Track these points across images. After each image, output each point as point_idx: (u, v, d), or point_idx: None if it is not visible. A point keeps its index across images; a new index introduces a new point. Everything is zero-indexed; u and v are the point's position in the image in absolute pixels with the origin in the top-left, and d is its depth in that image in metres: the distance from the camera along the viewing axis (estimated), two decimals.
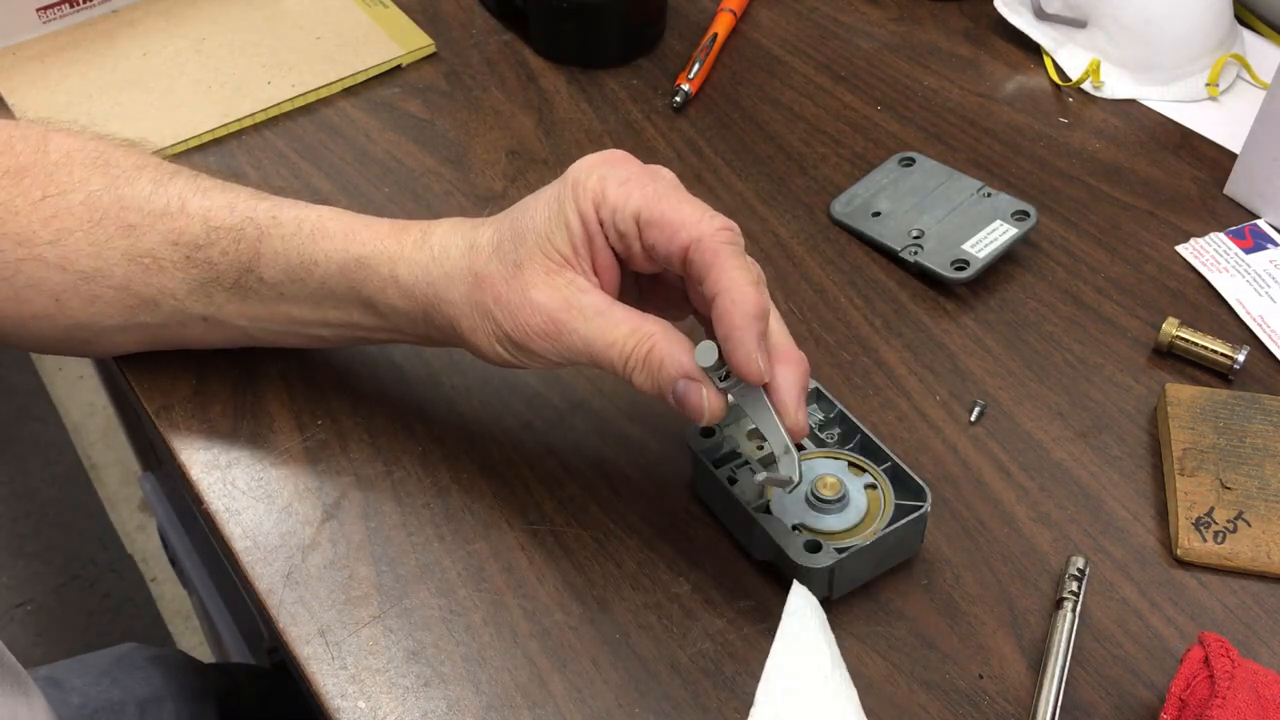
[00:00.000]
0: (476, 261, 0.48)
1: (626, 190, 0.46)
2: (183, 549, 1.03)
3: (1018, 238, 0.64)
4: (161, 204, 0.53)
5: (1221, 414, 0.56)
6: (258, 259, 0.52)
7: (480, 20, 0.81)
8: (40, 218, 0.53)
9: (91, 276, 0.53)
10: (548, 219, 0.47)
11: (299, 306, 0.53)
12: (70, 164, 0.54)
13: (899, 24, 0.82)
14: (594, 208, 0.47)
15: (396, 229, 0.51)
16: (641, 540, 0.52)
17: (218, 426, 0.56)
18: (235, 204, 0.53)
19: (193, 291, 0.53)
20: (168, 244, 0.53)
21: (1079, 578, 0.50)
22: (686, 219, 0.45)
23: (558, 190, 0.48)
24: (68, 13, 0.78)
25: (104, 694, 0.71)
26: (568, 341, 0.47)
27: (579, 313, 0.46)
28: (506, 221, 0.49)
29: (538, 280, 0.47)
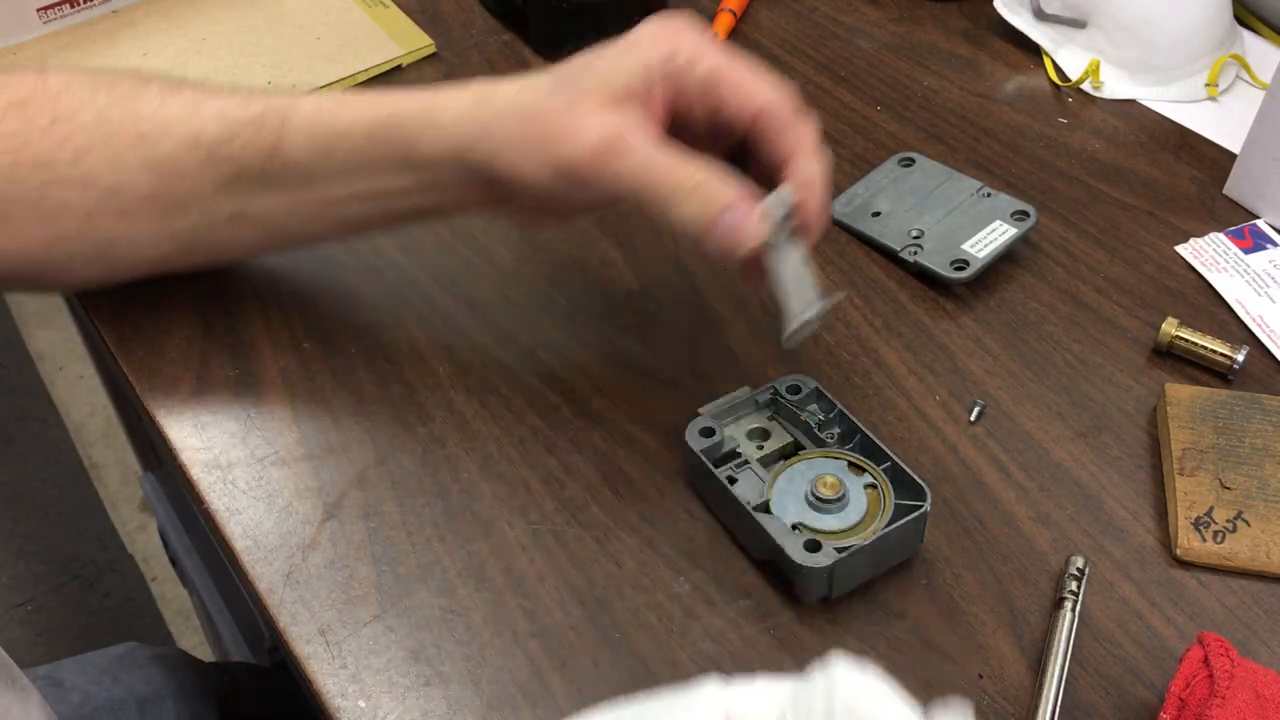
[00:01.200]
0: (532, 98, 0.50)
1: (701, 48, 0.49)
2: (183, 548, 1.03)
3: (1017, 238, 0.64)
4: (174, 111, 0.54)
5: (1221, 414, 0.56)
6: (282, 143, 0.53)
7: (480, 20, 0.81)
8: (54, 140, 0.53)
9: (115, 190, 0.54)
10: (616, 59, 0.49)
11: (329, 184, 0.54)
12: (71, 89, 0.54)
13: (899, 24, 0.82)
14: (664, 59, 0.49)
15: (425, 89, 0.53)
16: (641, 540, 0.52)
17: (218, 427, 0.56)
18: (250, 99, 0.54)
19: (219, 189, 0.54)
20: (186, 147, 0.53)
21: (1078, 577, 0.50)
22: (761, 86, 0.49)
23: (626, 41, 0.50)
24: (68, 13, 0.78)
25: (104, 693, 0.71)
26: (619, 165, 0.48)
27: (637, 138, 0.48)
28: (566, 66, 0.51)
29: (598, 107, 0.49)
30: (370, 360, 0.59)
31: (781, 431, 0.54)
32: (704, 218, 0.48)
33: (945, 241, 0.64)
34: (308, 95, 0.54)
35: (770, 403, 0.55)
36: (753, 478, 0.52)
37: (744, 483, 0.52)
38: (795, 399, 0.54)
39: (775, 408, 0.55)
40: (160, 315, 0.60)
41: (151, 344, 0.59)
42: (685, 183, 0.48)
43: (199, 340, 0.59)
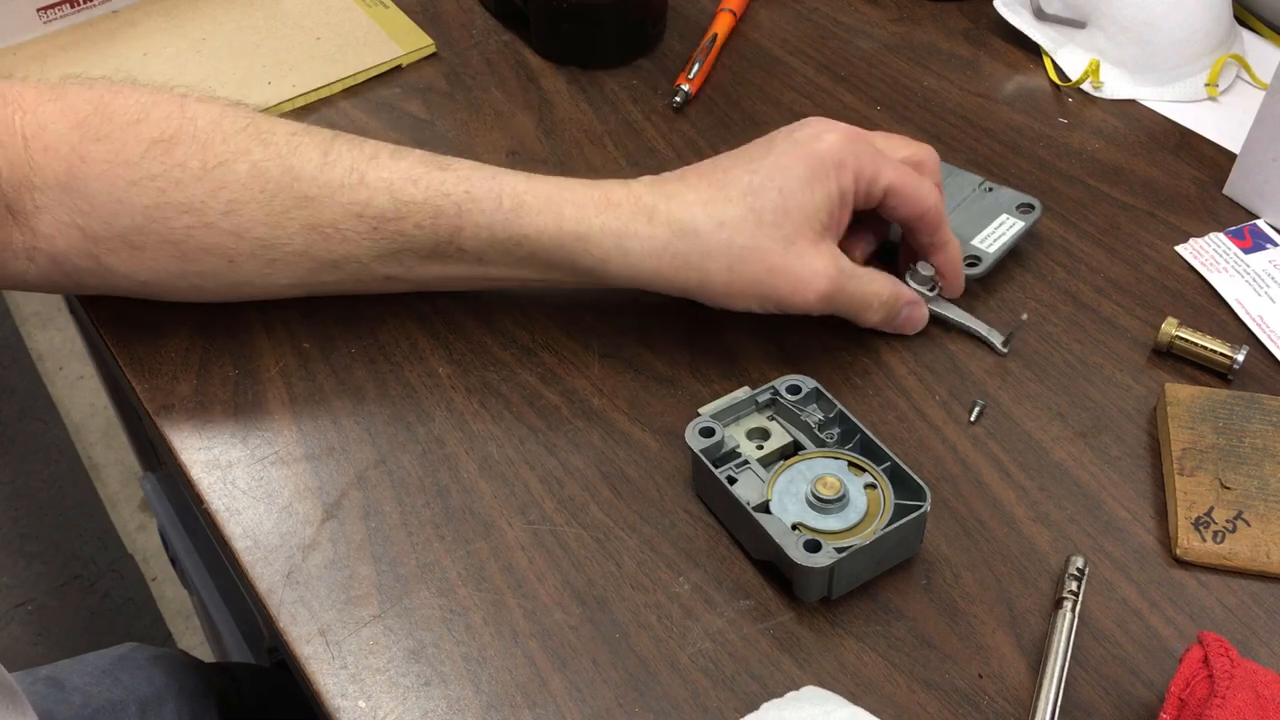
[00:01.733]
0: (739, 237, 0.54)
1: (877, 167, 0.55)
2: (183, 549, 1.03)
3: (1026, 230, 0.64)
4: (337, 176, 0.54)
5: (1221, 414, 0.56)
6: (459, 233, 0.54)
7: (480, 20, 0.81)
8: (208, 189, 0.53)
9: (269, 244, 0.54)
10: (810, 197, 0.54)
11: (498, 269, 0.56)
12: (221, 133, 0.54)
13: (899, 24, 0.82)
14: (854, 186, 0.55)
15: (603, 201, 0.54)
16: (641, 540, 0.52)
17: (218, 426, 0.56)
18: (416, 175, 0.54)
19: (380, 257, 0.55)
20: (351, 215, 0.54)
21: (1078, 577, 0.50)
22: (921, 194, 0.56)
23: (811, 166, 0.54)
24: (68, 13, 0.78)
25: (105, 693, 0.71)
26: (839, 300, 0.56)
27: (846, 275, 0.56)
28: (756, 199, 0.54)
29: (810, 250, 0.54)
30: (370, 360, 0.59)
31: (781, 431, 0.54)
32: (888, 319, 0.59)
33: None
34: (480, 179, 0.54)
35: (770, 403, 0.55)
36: (753, 478, 0.52)
37: (744, 483, 0.52)
38: (795, 399, 0.54)
39: (775, 408, 0.55)
40: (160, 316, 0.60)
41: (151, 344, 0.59)
42: (878, 298, 0.58)
43: (199, 340, 0.59)
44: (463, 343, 0.60)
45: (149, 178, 0.53)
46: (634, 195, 0.55)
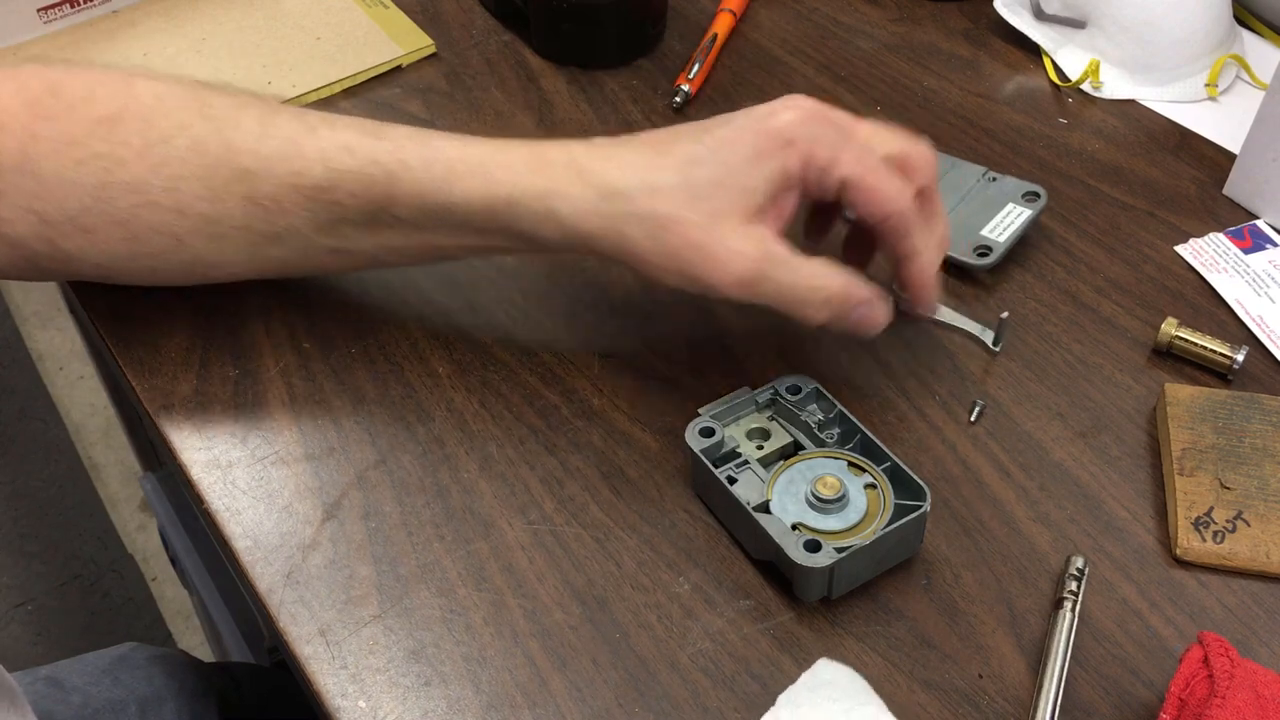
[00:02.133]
0: (664, 205, 0.50)
1: (834, 154, 0.51)
2: (183, 549, 1.03)
3: (1033, 218, 0.64)
4: (274, 146, 0.53)
5: (1220, 414, 0.56)
6: (391, 201, 0.53)
7: (480, 20, 0.81)
8: (149, 165, 0.53)
9: (212, 220, 0.53)
10: (749, 173, 0.50)
11: (436, 236, 0.54)
12: (164, 108, 0.53)
13: (899, 24, 0.82)
14: (801, 168, 0.51)
15: (536, 161, 0.52)
16: (641, 540, 0.52)
17: (218, 426, 0.56)
18: (351, 144, 0.53)
19: (320, 228, 0.54)
20: (288, 187, 0.53)
21: (1078, 577, 0.50)
22: (889, 193, 0.51)
23: (757, 141, 0.50)
24: (68, 13, 0.78)
25: (105, 693, 0.71)
26: (760, 288, 0.51)
27: (772, 262, 0.51)
28: (695, 168, 0.50)
29: (737, 230, 0.50)
30: (370, 360, 0.59)
31: (781, 431, 0.54)
32: (838, 320, 0.53)
33: (963, 229, 0.64)
34: (412, 146, 0.53)
35: (770, 403, 0.55)
36: (753, 478, 0.52)
37: (744, 483, 0.52)
38: (795, 399, 0.54)
39: (775, 408, 0.55)
40: (160, 315, 0.60)
41: (151, 344, 0.59)
42: (818, 294, 0.52)
43: (199, 340, 0.59)
44: (463, 343, 0.60)
45: (95, 157, 0.52)
46: (570, 155, 0.52)
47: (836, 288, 0.52)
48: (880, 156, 0.52)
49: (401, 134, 0.54)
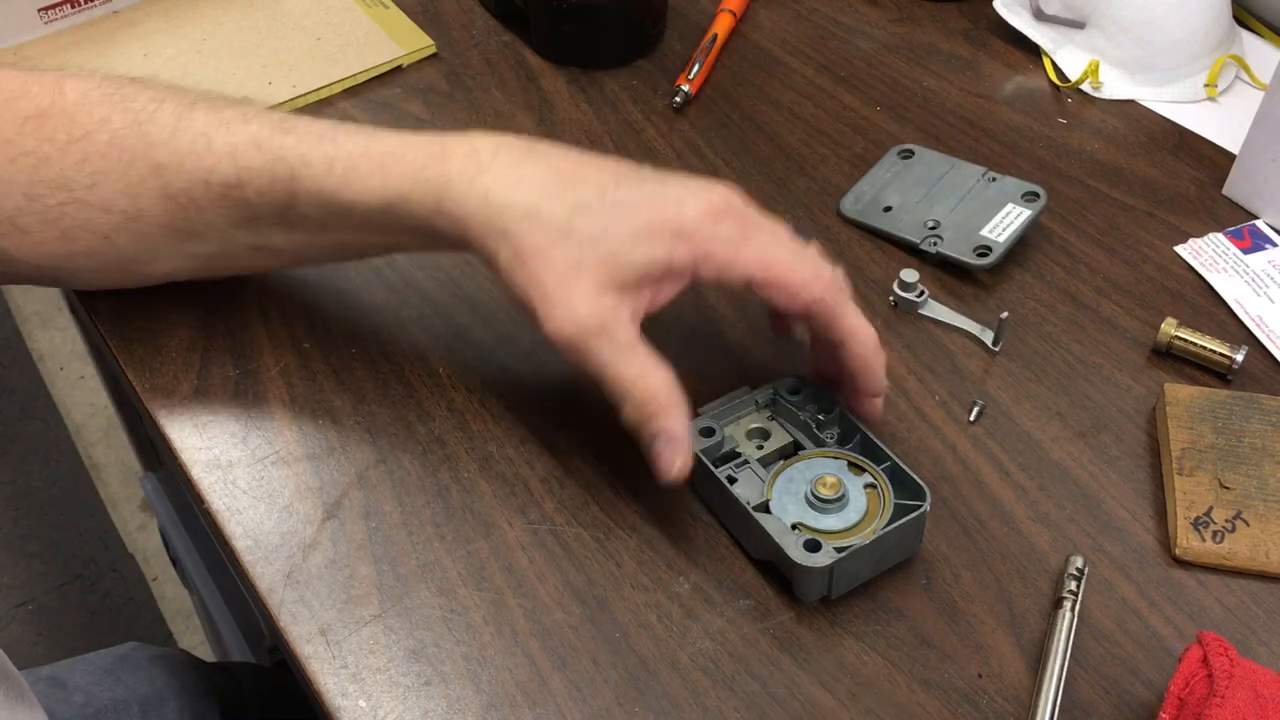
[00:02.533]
0: (535, 234, 0.48)
1: (733, 252, 0.48)
2: (184, 548, 1.03)
3: (1033, 219, 0.64)
4: (187, 142, 0.53)
5: (1220, 414, 0.56)
6: (294, 199, 0.52)
7: (480, 21, 0.81)
8: (72, 161, 0.53)
9: (135, 216, 0.54)
10: (631, 246, 0.48)
11: (344, 234, 0.54)
12: (88, 103, 0.54)
13: (898, 25, 0.82)
14: (693, 265, 0.48)
15: (434, 155, 0.50)
16: (641, 539, 0.52)
17: (218, 426, 0.56)
18: (260, 140, 0.53)
19: (236, 224, 0.54)
20: (200, 183, 0.53)
21: (1078, 577, 0.50)
22: (804, 281, 0.49)
23: (651, 222, 0.48)
24: (69, 13, 0.78)
25: (107, 693, 0.71)
26: (583, 358, 0.48)
27: (609, 340, 0.48)
28: (584, 214, 0.48)
29: (587, 293, 0.47)
30: (370, 360, 0.59)
31: (781, 431, 0.54)
32: (642, 433, 0.49)
33: (963, 229, 0.64)
34: (316, 143, 0.52)
35: (770, 402, 0.55)
36: (753, 478, 0.52)
37: (744, 483, 0.52)
38: (795, 399, 0.54)
39: (775, 408, 0.55)
40: (160, 315, 0.60)
41: (152, 344, 0.59)
42: (629, 396, 0.48)
43: (199, 340, 0.60)
44: (463, 342, 0.60)
45: (24, 154, 0.53)
46: (474, 150, 0.50)
47: (645, 397, 0.48)
48: (790, 247, 0.50)
49: (312, 130, 0.53)
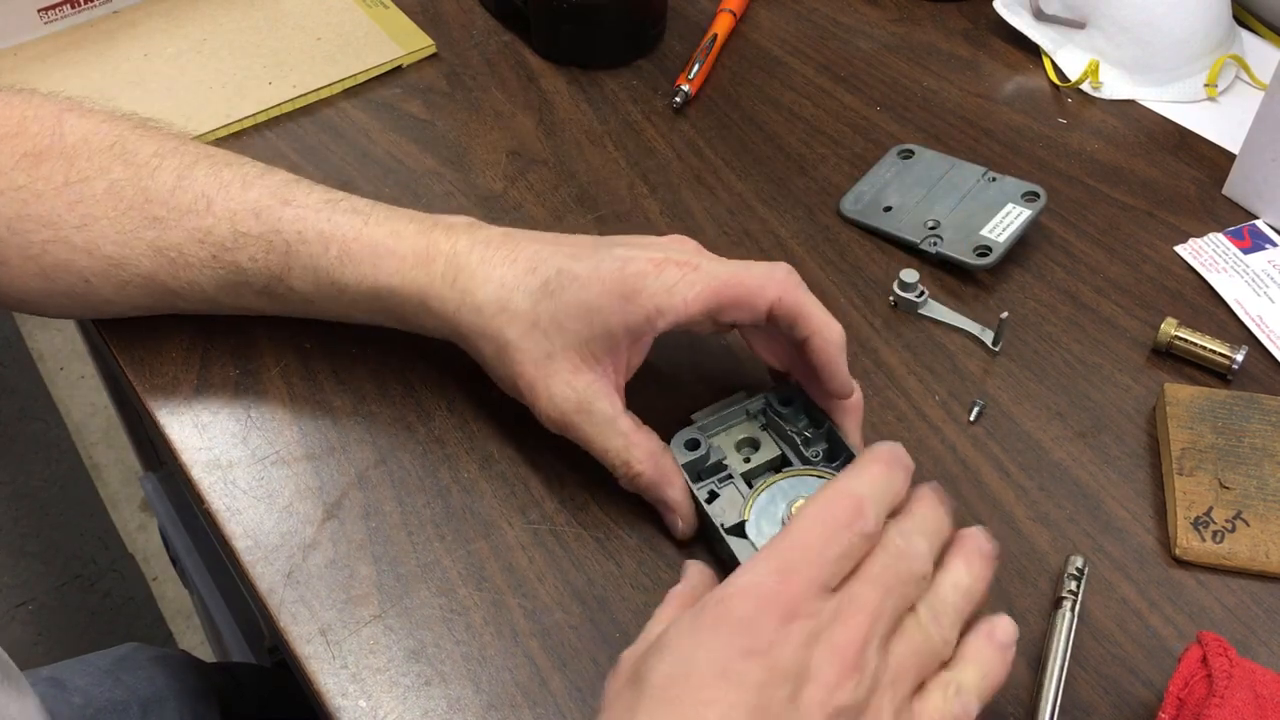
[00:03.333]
0: (510, 330, 0.51)
1: (682, 293, 0.49)
2: (184, 548, 1.03)
3: (1032, 219, 0.64)
4: (187, 200, 0.54)
5: (1220, 414, 0.56)
6: (288, 272, 0.54)
7: (480, 21, 0.81)
8: (65, 202, 0.54)
9: (119, 264, 0.54)
10: (589, 325, 0.50)
11: (328, 313, 0.56)
12: (88, 149, 0.55)
13: (898, 25, 0.82)
14: (648, 323, 0.49)
15: (422, 258, 0.53)
16: (641, 539, 0.52)
17: (218, 426, 0.56)
18: (260, 208, 0.54)
19: (221, 289, 0.55)
20: (194, 241, 0.54)
21: (1078, 577, 0.50)
22: (757, 286, 0.49)
23: (603, 295, 0.49)
24: (69, 13, 0.78)
25: (107, 694, 0.71)
26: (571, 434, 0.52)
27: (589, 417, 0.51)
28: (546, 301, 0.50)
29: (563, 375, 0.50)
30: (370, 360, 0.59)
31: (771, 444, 0.53)
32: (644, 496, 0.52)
33: (963, 229, 0.64)
34: (314, 220, 0.53)
35: (761, 412, 0.54)
36: (734, 494, 0.51)
37: (725, 499, 0.51)
38: (786, 411, 0.53)
39: (766, 418, 0.54)
40: (160, 316, 0.60)
41: (152, 344, 0.59)
42: (626, 470, 0.51)
43: (199, 340, 0.60)
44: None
45: (14, 188, 0.54)
46: (455, 251, 0.52)
47: (642, 473, 0.51)
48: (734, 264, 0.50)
49: (311, 203, 0.54)
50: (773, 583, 0.38)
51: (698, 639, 0.38)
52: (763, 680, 0.37)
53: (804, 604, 0.38)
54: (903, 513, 0.42)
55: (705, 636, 0.38)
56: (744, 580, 0.39)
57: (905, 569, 0.40)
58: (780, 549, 0.39)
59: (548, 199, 0.68)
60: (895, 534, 0.41)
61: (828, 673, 0.37)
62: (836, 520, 0.40)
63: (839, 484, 0.41)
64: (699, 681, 0.37)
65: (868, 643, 0.38)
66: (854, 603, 0.39)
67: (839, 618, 0.38)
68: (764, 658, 0.37)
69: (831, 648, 0.38)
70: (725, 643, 0.37)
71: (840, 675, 0.37)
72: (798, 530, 0.40)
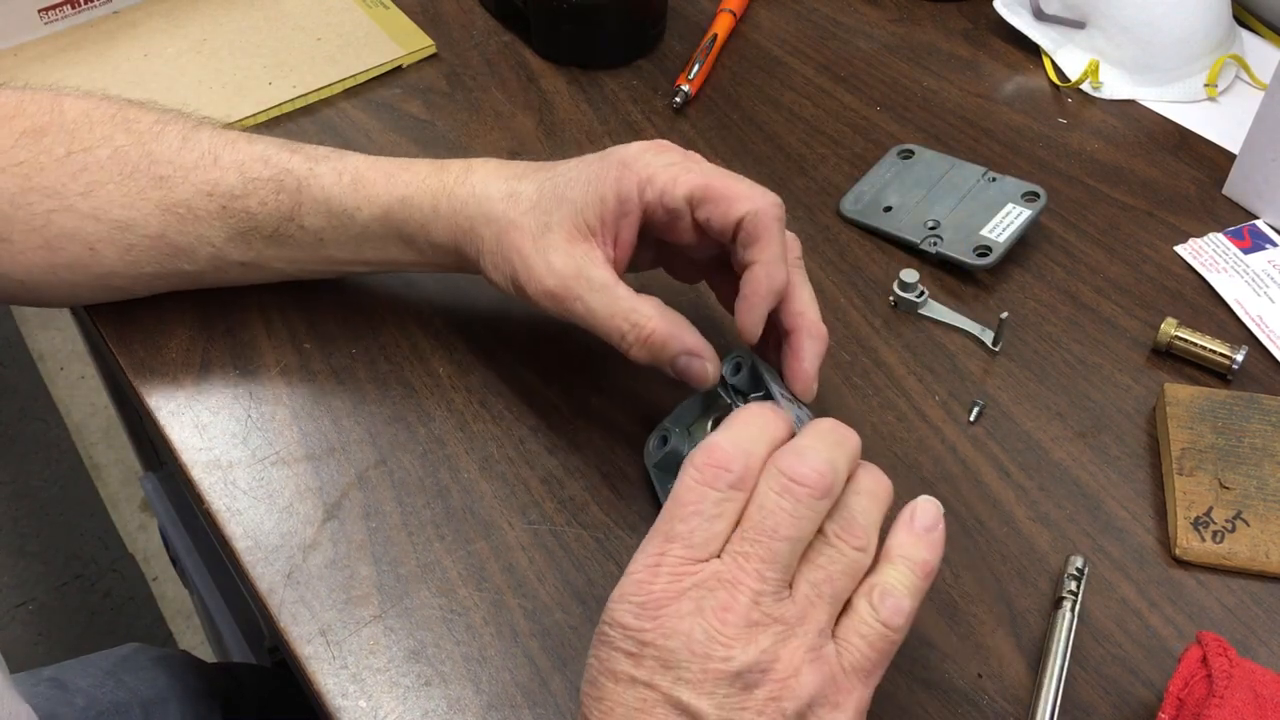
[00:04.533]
0: (513, 210, 0.52)
1: (674, 173, 0.50)
2: (184, 549, 1.03)
3: (1032, 219, 0.64)
4: (193, 157, 0.55)
5: (1220, 414, 0.56)
6: (298, 208, 0.55)
7: (480, 21, 0.81)
8: (69, 172, 0.54)
9: (126, 226, 0.55)
10: (585, 192, 0.51)
11: (338, 249, 0.56)
12: (89, 122, 0.55)
13: (898, 25, 0.82)
14: (638, 190, 0.50)
15: (436, 168, 0.55)
16: (641, 539, 0.52)
17: (218, 427, 0.56)
18: (268, 156, 0.55)
19: (230, 239, 0.56)
20: (202, 195, 0.55)
21: (1078, 577, 0.50)
22: (741, 193, 0.49)
23: (600, 167, 0.51)
24: (69, 14, 0.78)
25: (108, 695, 0.71)
26: (570, 306, 0.51)
27: (587, 283, 0.50)
28: (549, 182, 0.52)
29: (559, 245, 0.51)
30: (370, 360, 0.59)
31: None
32: (654, 362, 0.50)
33: (963, 229, 0.64)
34: (325, 159, 0.56)
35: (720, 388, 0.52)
36: None
37: None
38: (737, 379, 0.52)
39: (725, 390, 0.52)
40: (160, 315, 0.60)
41: (152, 344, 0.59)
42: (632, 332, 0.50)
43: (199, 340, 0.60)
44: (463, 343, 0.60)
45: (15, 164, 0.54)
46: (466, 163, 0.55)
47: (655, 329, 0.49)
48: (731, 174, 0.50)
49: (318, 150, 0.57)
50: (641, 577, 0.39)
51: (596, 651, 0.40)
52: (647, 674, 0.38)
53: (674, 585, 0.38)
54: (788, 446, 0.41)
55: (598, 646, 0.40)
56: (619, 585, 0.40)
57: (791, 502, 0.39)
58: (651, 536, 0.40)
59: None
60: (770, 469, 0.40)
61: (710, 645, 0.38)
62: (701, 479, 0.40)
63: (699, 445, 0.41)
64: (603, 689, 0.39)
65: (757, 597, 0.38)
66: (735, 561, 0.39)
67: (721, 581, 0.38)
68: (644, 652, 0.38)
69: (711, 617, 0.38)
70: (610, 648, 0.39)
71: (724, 643, 0.38)
72: (665, 508, 0.40)
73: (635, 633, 0.38)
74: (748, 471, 0.40)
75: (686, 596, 0.38)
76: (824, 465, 0.39)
